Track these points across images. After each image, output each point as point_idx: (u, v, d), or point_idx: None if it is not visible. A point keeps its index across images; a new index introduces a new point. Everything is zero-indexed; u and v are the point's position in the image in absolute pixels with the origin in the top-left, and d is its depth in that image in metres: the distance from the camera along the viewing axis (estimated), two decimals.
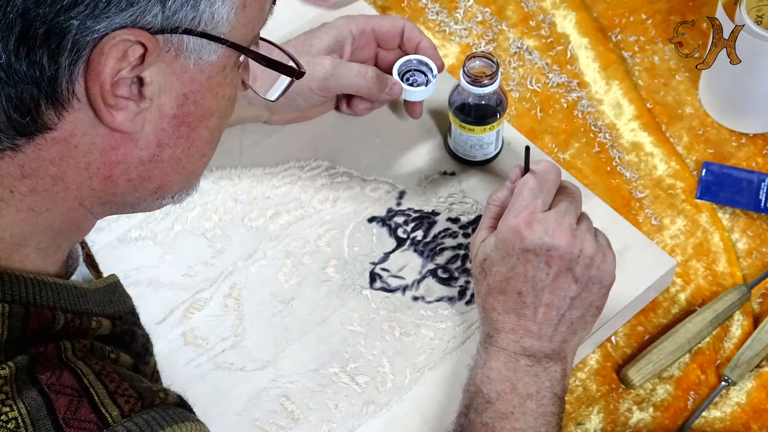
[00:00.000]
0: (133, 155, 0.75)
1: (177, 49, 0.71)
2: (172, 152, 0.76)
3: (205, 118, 0.76)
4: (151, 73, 0.71)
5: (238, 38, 0.74)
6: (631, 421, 1.11)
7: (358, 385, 1.08)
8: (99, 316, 0.82)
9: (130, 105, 0.72)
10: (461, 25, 1.37)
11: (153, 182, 0.77)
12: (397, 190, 1.20)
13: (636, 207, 1.23)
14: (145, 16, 0.69)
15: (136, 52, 0.70)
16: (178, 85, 0.73)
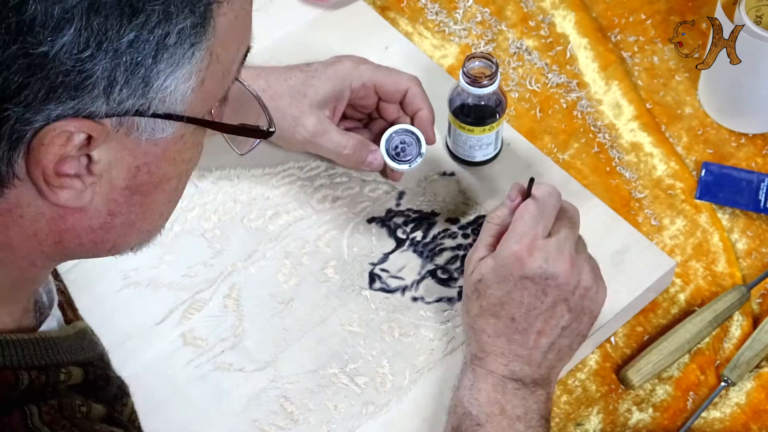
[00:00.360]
0: (83, 224, 0.71)
1: (127, 128, 0.68)
2: (125, 218, 0.73)
3: (162, 184, 0.73)
4: (100, 152, 0.68)
5: (197, 111, 0.71)
6: (630, 421, 1.11)
7: (358, 386, 1.08)
8: (69, 366, 0.79)
9: (76, 183, 0.68)
10: (460, 25, 1.36)
11: (106, 245, 0.74)
12: (397, 190, 1.20)
13: (635, 207, 1.23)
14: (87, 107, 0.65)
15: (80, 136, 0.66)
16: (130, 159, 0.70)
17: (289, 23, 1.29)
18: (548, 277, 0.98)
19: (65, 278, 1.14)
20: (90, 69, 0.64)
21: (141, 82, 0.66)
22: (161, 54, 0.65)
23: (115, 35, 0.64)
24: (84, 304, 1.11)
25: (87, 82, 0.64)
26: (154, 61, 0.65)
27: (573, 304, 0.99)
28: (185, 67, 0.67)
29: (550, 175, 1.21)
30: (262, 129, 0.79)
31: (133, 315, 1.12)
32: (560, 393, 1.12)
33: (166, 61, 0.66)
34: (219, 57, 0.69)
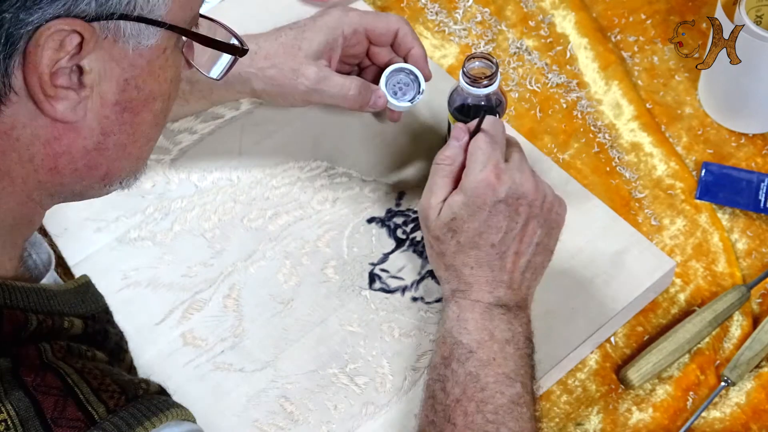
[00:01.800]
0: (78, 145, 0.74)
1: (114, 35, 0.71)
2: (117, 139, 0.76)
3: (149, 102, 0.76)
4: (90, 61, 0.71)
5: (177, 20, 0.74)
6: (630, 421, 1.11)
7: (358, 386, 1.08)
8: (71, 316, 0.82)
9: (71, 94, 0.72)
10: (460, 25, 1.37)
11: (100, 170, 0.77)
12: (397, 190, 1.20)
13: (635, 207, 1.23)
14: (78, 4, 0.69)
15: (73, 41, 0.69)
16: (119, 71, 0.73)
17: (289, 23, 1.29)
18: (519, 196, 1.00)
19: None
20: None
21: None
22: None
23: None
24: None
25: None
26: None
27: (543, 220, 1.02)
28: None
29: (550, 175, 1.21)
30: (237, 46, 0.82)
31: (133, 315, 1.12)
32: (560, 393, 1.12)
33: None
34: None
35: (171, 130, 1.24)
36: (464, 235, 1.00)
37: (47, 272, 0.85)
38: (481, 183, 1.00)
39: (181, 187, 1.21)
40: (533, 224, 1.01)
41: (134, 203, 1.19)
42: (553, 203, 1.03)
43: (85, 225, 1.19)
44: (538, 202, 1.01)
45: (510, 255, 1.01)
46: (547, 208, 1.02)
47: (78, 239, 1.16)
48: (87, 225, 1.19)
